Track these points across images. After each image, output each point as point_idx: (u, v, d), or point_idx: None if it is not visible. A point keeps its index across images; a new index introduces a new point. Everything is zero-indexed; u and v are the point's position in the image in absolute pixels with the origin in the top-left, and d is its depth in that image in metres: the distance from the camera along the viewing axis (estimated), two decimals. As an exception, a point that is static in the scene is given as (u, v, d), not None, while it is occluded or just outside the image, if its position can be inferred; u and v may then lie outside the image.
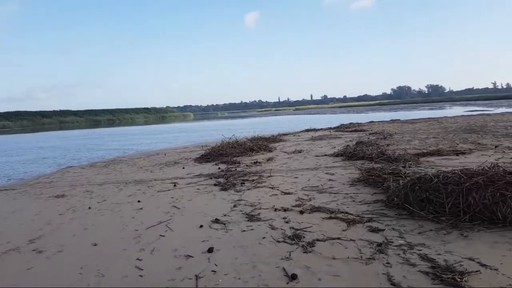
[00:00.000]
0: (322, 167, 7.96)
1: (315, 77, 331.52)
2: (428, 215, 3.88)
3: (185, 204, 5.74)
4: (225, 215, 4.84)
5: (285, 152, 11.16)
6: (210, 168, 9.41)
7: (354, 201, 4.95)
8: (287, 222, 4.29)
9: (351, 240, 3.57)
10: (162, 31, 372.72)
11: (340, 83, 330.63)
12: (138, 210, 5.66)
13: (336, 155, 9.23)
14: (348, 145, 10.25)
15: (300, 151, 10.93)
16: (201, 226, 4.44)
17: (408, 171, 5.64)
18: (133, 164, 12.08)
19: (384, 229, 3.76)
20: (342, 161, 8.41)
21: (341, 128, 20.41)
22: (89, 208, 6.00)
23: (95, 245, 4.20)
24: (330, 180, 6.48)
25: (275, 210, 4.84)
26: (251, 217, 4.58)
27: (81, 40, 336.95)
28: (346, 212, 4.42)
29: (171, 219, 4.96)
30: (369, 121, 26.62)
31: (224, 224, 4.45)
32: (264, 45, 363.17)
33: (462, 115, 26.39)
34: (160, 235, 4.29)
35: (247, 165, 9.10)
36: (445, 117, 25.12)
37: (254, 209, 5.00)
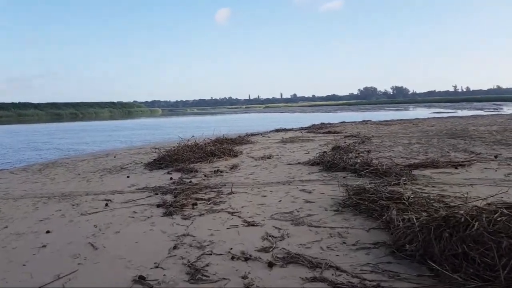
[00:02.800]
0: (296, 180, 6.49)
1: (285, 76, 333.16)
2: (467, 281, 2.48)
3: (108, 239, 4.09)
4: (157, 266, 3.24)
5: (253, 157, 9.64)
6: (160, 177, 7.74)
7: (345, 242, 3.49)
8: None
9: None
10: (130, 25, 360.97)
11: (309, 82, 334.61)
12: (40, 248, 3.96)
13: (311, 163, 7.80)
14: (324, 152, 8.86)
15: (269, 157, 9.45)
16: (113, 292, 2.83)
17: (410, 194, 4.25)
18: (73, 168, 10.22)
19: (405, 311, 2.31)
20: (319, 172, 6.99)
21: (313, 128, 19.17)
22: (-27, 243, 4.22)
23: None
24: (307, 201, 5.01)
25: (232, 258, 3.29)
26: (194, 274, 3.01)
27: (45, 31, 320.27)
28: (337, 268, 2.94)
29: (78, 270, 3.31)
30: (341, 121, 25.64)
31: (151, 288, 2.85)
32: (235, 42, 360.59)
33: (434, 117, 25.94)
34: (43, 311, 2.65)
35: (205, 175, 7.50)
36: (417, 118, 24.53)
37: (203, 254, 3.43)
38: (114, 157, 12.21)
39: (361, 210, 4.23)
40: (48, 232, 4.49)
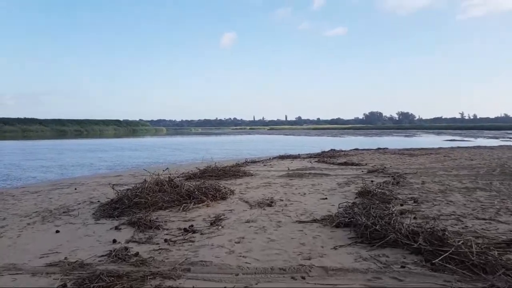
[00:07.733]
0: (315, 266, 3.68)
1: (290, 98, 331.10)
2: None
3: None
4: None
5: (247, 202, 6.86)
6: (100, 237, 5.01)
7: None
8: None
9: None
10: (138, 45, 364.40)
11: (314, 105, 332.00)
12: None
13: (335, 224, 5.00)
14: (353, 203, 6.04)
15: (270, 203, 6.66)
16: None
17: None
18: (10, 205, 7.91)
19: None
20: (352, 247, 4.19)
21: (324, 156, 16.40)
22: None
23: None
24: None
25: None
26: None
27: (54, 48, 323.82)
28: None
29: None
30: (353, 148, 22.89)
31: None
32: (241, 64, 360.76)
33: (459, 146, 23.08)
34: None
35: (166, 239, 4.73)
36: (441, 148, 21.68)
37: None
38: (75, 189, 9.61)
39: None
40: None
